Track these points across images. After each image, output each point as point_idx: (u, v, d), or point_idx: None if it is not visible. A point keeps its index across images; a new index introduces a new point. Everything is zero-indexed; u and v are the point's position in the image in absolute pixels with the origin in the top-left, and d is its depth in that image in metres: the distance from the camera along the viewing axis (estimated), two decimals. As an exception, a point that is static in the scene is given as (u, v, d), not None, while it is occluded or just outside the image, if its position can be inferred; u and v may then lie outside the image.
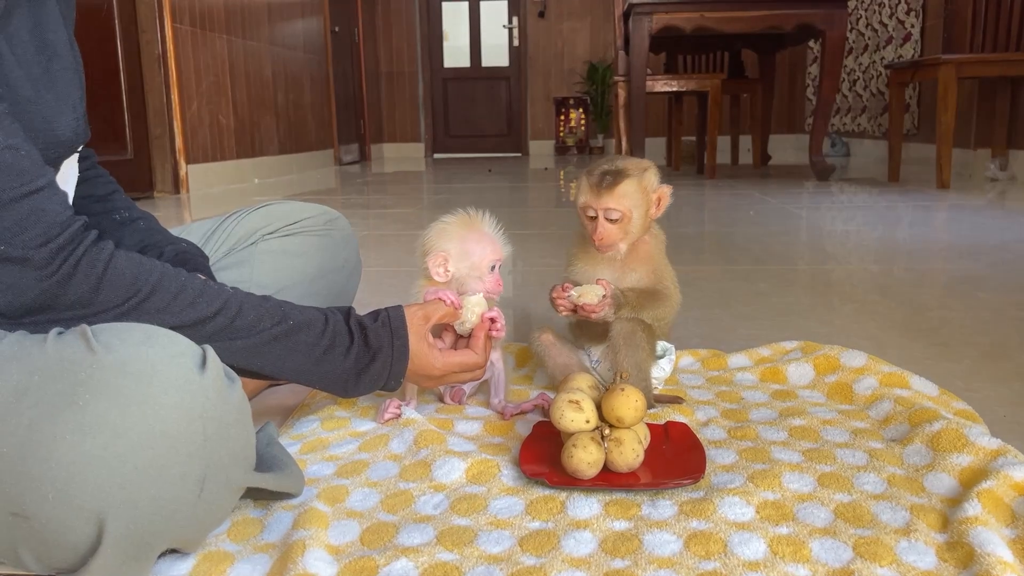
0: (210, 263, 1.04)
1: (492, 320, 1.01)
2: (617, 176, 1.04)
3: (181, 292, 0.76)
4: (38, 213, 0.68)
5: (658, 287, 1.07)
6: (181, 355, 0.66)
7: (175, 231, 1.08)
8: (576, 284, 1.07)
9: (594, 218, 1.05)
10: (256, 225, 1.16)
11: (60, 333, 0.68)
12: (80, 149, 0.86)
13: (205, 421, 0.65)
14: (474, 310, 1.00)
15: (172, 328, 0.73)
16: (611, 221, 1.04)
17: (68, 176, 0.85)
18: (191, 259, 0.97)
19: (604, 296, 1.03)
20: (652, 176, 1.07)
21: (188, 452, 0.63)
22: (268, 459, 0.81)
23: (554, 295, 1.07)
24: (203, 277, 0.82)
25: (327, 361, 0.87)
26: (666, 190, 1.07)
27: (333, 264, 1.20)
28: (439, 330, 1.03)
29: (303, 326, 0.85)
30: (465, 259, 1.03)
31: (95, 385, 0.62)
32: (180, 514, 0.64)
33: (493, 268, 1.04)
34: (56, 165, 0.79)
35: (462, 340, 1.03)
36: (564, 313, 1.07)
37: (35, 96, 0.74)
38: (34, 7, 0.77)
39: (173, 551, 0.72)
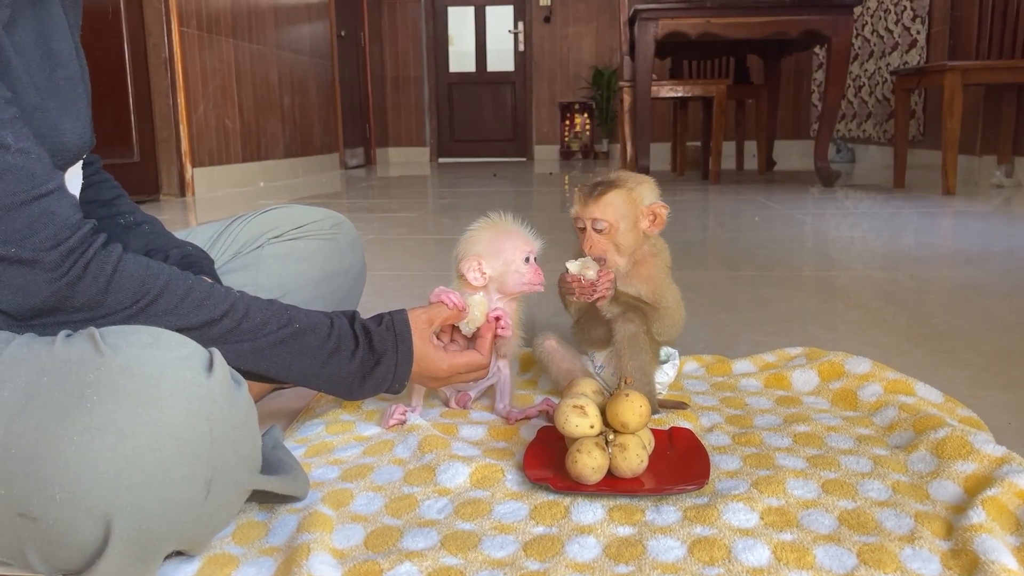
0: (216, 267, 1.05)
1: (497, 319, 1.02)
2: (606, 187, 1.05)
3: (188, 294, 0.77)
4: (48, 216, 0.68)
5: (657, 305, 1.07)
6: (188, 357, 0.67)
7: (181, 234, 1.09)
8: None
9: (584, 229, 1.06)
10: (262, 229, 1.17)
11: (68, 335, 0.68)
12: (85, 155, 0.87)
13: (212, 423, 0.65)
14: (479, 310, 1.00)
15: (179, 330, 0.73)
16: (598, 231, 1.05)
17: (73, 182, 0.85)
18: (196, 262, 0.97)
19: (601, 271, 1.03)
20: (646, 191, 1.06)
21: (195, 454, 0.64)
22: (273, 462, 0.81)
23: (566, 267, 1.06)
24: (209, 280, 0.83)
25: (332, 364, 0.87)
26: (660, 208, 1.06)
27: (338, 268, 1.20)
28: (445, 331, 1.03)
29: (308, 329, 0.86)
30: (497, 256, 1.05)
31: (103, 387, 0.62)
32: (186, 516, 0.64)
33: (528, 259, 1.06)
34: (62, 171, 0.80)
35: (465, 340, 1.03)
36: (575, 295, 1.05)
37: (41, 104, 0.75)
38: (40, 16, 0.78)
39: (178, 553, 0.73)
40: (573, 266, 1.05)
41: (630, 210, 1.05)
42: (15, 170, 0.67)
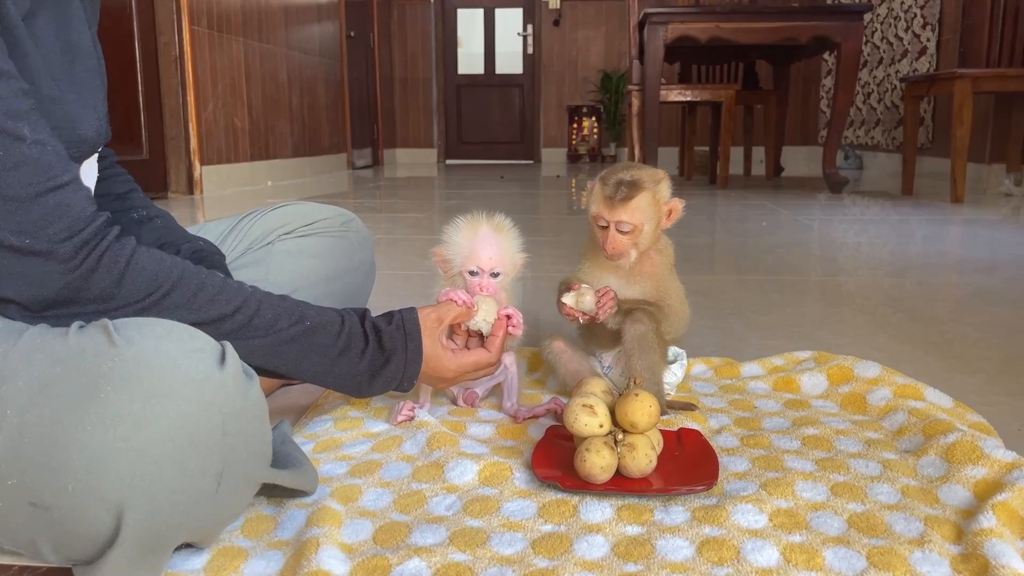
0: (227, 262, 1.05)
1: (508, 317, 1.01)
2: (631, 188, 1.03)
3: (201, 289, 0.77)
4: (63, 208, 0.69)
5: (662, 303, 1.07)
6: (201, 350, 0.67)
7: (192, 230, 1.09)
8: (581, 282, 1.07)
9: (605, 228, 1.05)
10: (273, 225, 1.17)
11: (82, 326, 0.68)
12: (101, 148, 0.87)
13: (224, 416, 0.65)
14: (489, 310, 1.00)
15: (191, 325, 0.73)
16: (622, 232, 1.05)
17: (88, 174, 0.86)
18: (208, 257, 0.98)
19: (602, 297, 1.03)
20: (665, 188, 1.06)
21: (207, 446, 0.64)
22: (283, 456, 0.81)
23: (562, 301, 1.07)
24: (222, 275, 0.83)
25: (342, 363, 0.87)
26: (678, 204, 1.06)
27: (349, 265, 1.20)
28: (460, 334, 1.03)
29: (319, 327, 0.85)
30: (453, 260, 1.03)
31: (117, 377, 0.62)
32: (198, 508, 0.64)
33: (473, 273, 1.02)
34: (78, 164, 0.80)
35: (474, 339, 1.03)
36: (573, 320, 1.07)
37: (58, 96, 0.75)
38: (59, 8, 0.78)
39: (188, 545, 0.73)
40: (569, 299, 1.04)
41: (655, 211, 1.05)
42: (31, 161, 0.67)
